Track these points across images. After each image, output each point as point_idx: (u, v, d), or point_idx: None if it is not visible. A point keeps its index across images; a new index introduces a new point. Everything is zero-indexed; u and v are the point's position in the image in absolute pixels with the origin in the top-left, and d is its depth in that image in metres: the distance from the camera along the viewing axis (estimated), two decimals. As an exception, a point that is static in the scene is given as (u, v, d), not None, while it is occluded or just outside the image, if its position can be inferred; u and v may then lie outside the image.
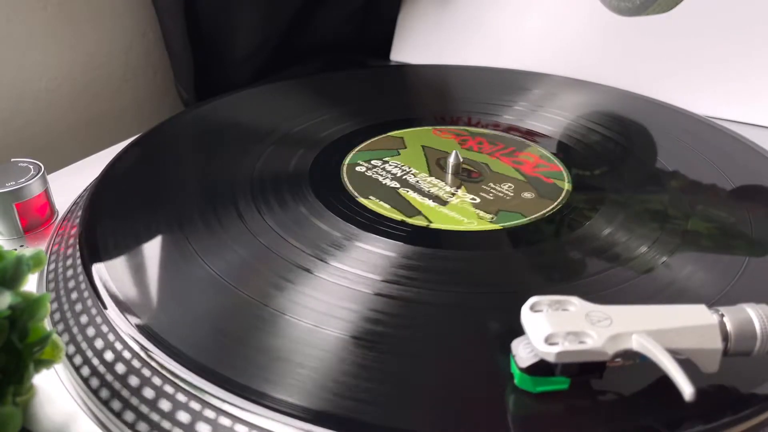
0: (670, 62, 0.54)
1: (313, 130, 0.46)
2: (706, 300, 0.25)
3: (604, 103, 0.50)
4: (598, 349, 0.23)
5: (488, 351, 0.27)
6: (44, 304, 0.24)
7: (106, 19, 0.57)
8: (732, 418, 0.23)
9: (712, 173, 0.40)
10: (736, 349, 0.23)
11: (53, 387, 0.27)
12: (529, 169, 0.40)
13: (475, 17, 0.63)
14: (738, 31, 0.51)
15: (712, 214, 0.36)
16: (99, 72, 0.57)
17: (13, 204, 0.36)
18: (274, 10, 0.62)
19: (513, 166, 0.41)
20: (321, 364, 0.26)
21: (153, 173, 0.41)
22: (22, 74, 0.51)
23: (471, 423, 0.24)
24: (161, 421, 0.24)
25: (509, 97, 0.51)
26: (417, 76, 0.60)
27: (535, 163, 0.41)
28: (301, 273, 0.31)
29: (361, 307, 0.29)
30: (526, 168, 0.40)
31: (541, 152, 0.42)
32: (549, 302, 0.24)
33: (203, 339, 0.27)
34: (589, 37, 0.57)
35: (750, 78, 0.51)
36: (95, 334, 0.28)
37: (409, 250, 0.33)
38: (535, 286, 0.31)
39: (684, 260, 0.32)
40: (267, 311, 0.28)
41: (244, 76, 0.63)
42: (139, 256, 0.33)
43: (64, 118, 0.55)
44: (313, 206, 0.37)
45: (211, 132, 0.47)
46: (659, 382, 0.24)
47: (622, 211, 0.36)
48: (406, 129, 0.46)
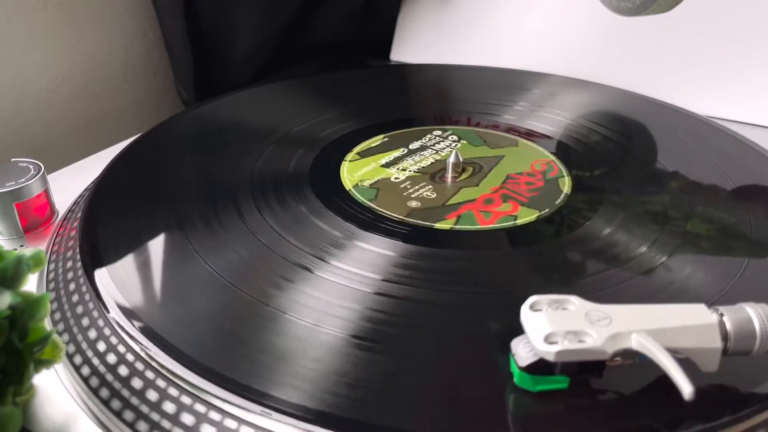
0: (670, 62, 0.54)
1: (313, 130, 0.46)
2: (706, 300, 0.25)
3: (604, 103, 0.50)
4: (598, 348, 0.23)
5: (488, 350, 0.27)
6: (44, 304, 0.24)
7: (106, 19, 0.57)
8: (731, 417, 0.23)
9: (713, 173, 0.40)
10: (736, 348, 0.23)
11: (53, 387, 0.27)
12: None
13: (475, 17, 0.63)
14: (738, 31, 0.51)
15: (712, 214, 0.36)
16: (99, 72, 0.57)
17: (13, 204, 0.36)
18: (274, 10, 0.62)
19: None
20: (321, 363, 0.26)
21: (153, 173, 0.41)
22: (22, 74, 0.51)
23: (471, 423, 0.24)
24: (161, 420, 0.24)
25: (509, 97, 0.51)
26: (417, 76, 0.60)
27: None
28: (302, 272, 0.31)
29: (361, 306, 0.29)
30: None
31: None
32: (548, 301, 0.24)
33: (203, 338, 0.27)
34: (589, 37, 0.57)
35: (750, 78, 0.51)
36: (95, 334, 0.28)
37: (409, 250, 0.33)
38: (535, 286, 0.31)
39: (684, 260, 0.32)
40: (267, 310, 0.28)
41: (244, 76, 0.63)
42: (139, 256, 0.33)
43: (64, 118, 0.55)
44: (313, 206, 0.37)
45: (211, 132, 0.47)
46: (659, 381, 0.24)
47: (622, 212, 0.36)
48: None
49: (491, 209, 0.36)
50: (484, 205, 0.37)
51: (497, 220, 0.35)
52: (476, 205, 0.37)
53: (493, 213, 0.36)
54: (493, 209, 0.36)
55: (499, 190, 0.38)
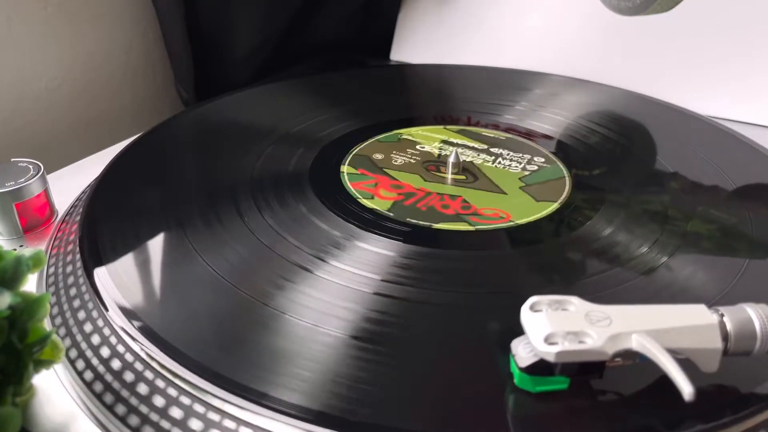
0: (670, 62, 0.54)
1: (313, 130, 0.46)
2: (707, 300, 0.25)
3: (604, 103, 0.50)
4: (598, 348, 0.22)
5: (488, 351, 0.27)
6: (44, 304, 0.24)
7: (106, 19, 0.57)
8: (732, 417, 0.23)
9: (713, 173, 0.40)
10: (736, 348, 0.23)
11: (53, 387, 0.27)
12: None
13: (475, 17, 0.63)
14: (738, 31, 0.51)
15: (712, 214, 0.36)
16: (99, 72, 0.57)
17: (12, 204, 0.36)
18: (274, 10, 0.62)
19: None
20: (321, 363, 0.26)
21: (153, 173, 0.41)
22: (22, 74, 0.51)
23: (471, 423, 0.24)
24: (161, 420, 0.24)
25: (509, 97, 0.51)
26: (417, 76, 0.60)
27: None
28: (302, 272, 0.31)
29: (360, 306, 0.29)
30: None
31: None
32: (549, 302, 0.24)
33: (203, 338, 0.27)
34: (589, 37, 0.57)
35: (750, 78, 0.51)
36: (95, 335, 0.28)
37: (409, 250, 0.33)
38: (535, 286, 0.31)
39: (684, 261, 0.32)
40: (267, 310, 0.28)
41: (244, 76, 0.63)
42: (139, 256, 0.33)
43: (64, 118, 0.55)
44: (313, 205, 0.37)
45: (211, 132, 0.47)
46: (659, 382, 0.24)
47: (622, 212, 0.36)
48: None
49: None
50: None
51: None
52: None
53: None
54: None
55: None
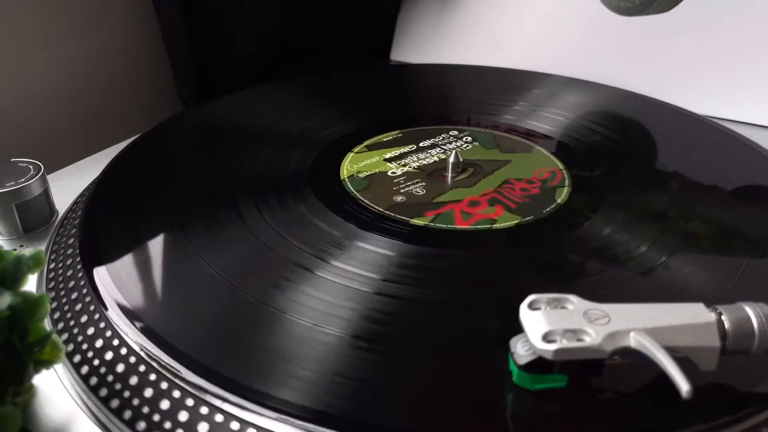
0: (670, 62, 0.54)
1: (313, 130, 0.46)
2: (706, 300, 0.25)
3: (604, 103, 0.50)
4: (596, 346, 0.23)
5: (487, 349, 0.27)
6: (44, 304, 0.24)
7: (106, 19, 0.57)
8: (731, 417, 0.23)
9: (713, 173, 0.40)
10: (734, 347, 0.23)
11: (53, 387, 0.27)
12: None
13: (475, 17, 0.63)
14: (738, 31, 0.51)
15: (712, 214, 0.36)
16: (99, 72, 0.57)
17: (12, 204, 0.36)
18: (274, 9, 0.62)
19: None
20: (321, 363, 0.26)
21: (153, 173, 0.41)
22: (22, 74, 0.51)
23: (471, 422, 0.24)
24: (161, 420, 0.24)
25: (509, 97, 0.51)
26: (417, 76, 0.60)
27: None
28: (302, 272, 0.31)
29: (361, 306, 0.29)
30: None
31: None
32: (547, 300, 0.24)
33: (203, 338, 0.27)
34: (589, 37, 0.57)
35: (750, 78, 0.51)
36: (95, 334, 0.28)
37: (409, 250, 0.33)
38: (535, 285, 0.31)
39: (684, 260, 0.32)
40: (267, 310, 0.29)
41: (244, 76, 0.63)
42: (139, 256, 0.33)
43: (64, 118, 0.55)
44: (313, 205, 0.37)
45: (211, 132, 0.47)
46: (658, 380, 0.24)
47: (622, 212, 0.36)
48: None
49: (473, 211, 0.36)
50: (468, 206, 0.37)
51: (475, 222, 0.35)
52: (460, 205, 0.37)
53: (474, 215, 0.36)
54: (475, 211, 0.36)
55: (490, 194, 0.38)
